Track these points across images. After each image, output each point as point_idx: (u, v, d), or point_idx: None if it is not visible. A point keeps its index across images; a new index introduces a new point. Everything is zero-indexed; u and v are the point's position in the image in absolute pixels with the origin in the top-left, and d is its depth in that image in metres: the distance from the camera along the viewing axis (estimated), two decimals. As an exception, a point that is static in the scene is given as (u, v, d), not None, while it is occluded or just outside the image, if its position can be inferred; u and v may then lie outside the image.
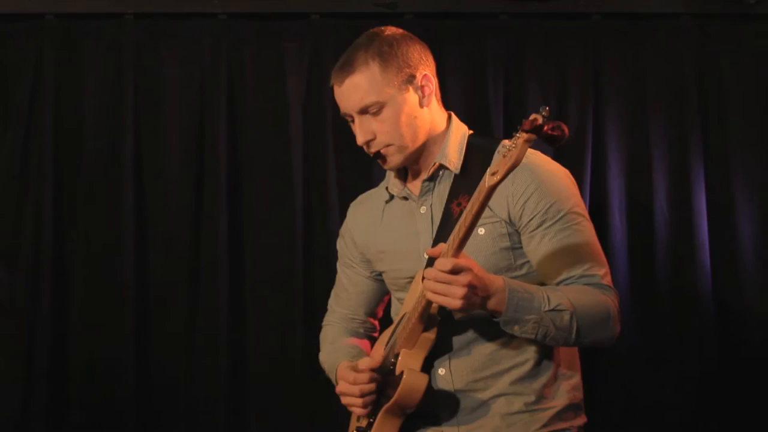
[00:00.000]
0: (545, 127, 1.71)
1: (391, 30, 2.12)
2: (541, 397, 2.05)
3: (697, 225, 3.30)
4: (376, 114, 2.05)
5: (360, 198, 2.37)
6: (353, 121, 2.09)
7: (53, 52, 3.30)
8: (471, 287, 1.83)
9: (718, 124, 3.38)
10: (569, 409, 2.09)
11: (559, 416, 2.06)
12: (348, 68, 2.06)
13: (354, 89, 2.05)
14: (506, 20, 3.37)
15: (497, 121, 3.31)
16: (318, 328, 2.46)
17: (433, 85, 2.12)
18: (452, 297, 1.84)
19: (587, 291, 1.99)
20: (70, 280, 3.29)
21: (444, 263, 1.84)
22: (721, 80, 3.39)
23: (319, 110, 3.33)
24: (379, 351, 2.12)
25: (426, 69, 2.11)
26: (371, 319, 2.36)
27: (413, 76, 2.08)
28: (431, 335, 2.00)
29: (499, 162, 1.77)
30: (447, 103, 3.29)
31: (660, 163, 3.34)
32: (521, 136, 1.72)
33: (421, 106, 2.10)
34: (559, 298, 1.93)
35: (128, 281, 3.27)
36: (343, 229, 2.36)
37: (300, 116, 3.34)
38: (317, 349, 2.41)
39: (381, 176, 3.11)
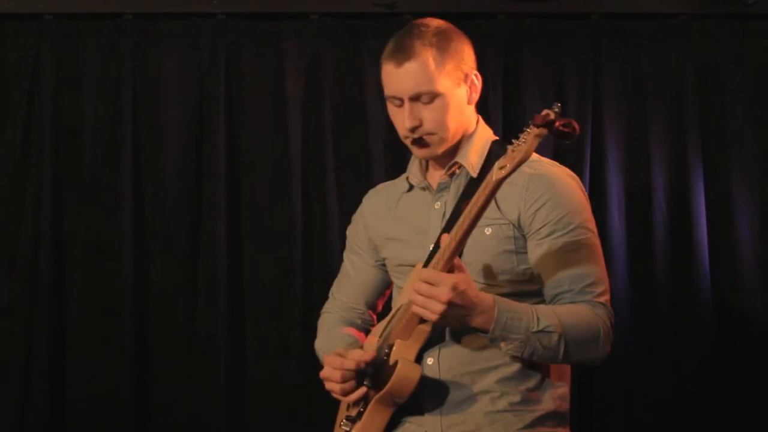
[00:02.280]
0: (557, 123, 1.74)
1: (445, 24, 2.15)
2: (526, 399, 2.04)
3: (696, 224, 3.30)
4: (427, 102, 2.07)
5: (379, 186, 2.39)
6: (401, 104, 2.09)
7: (52, 52, 3.30)
8: (450, 305, 1.86)
9: (717, 124, 3.38)
10: (554, 416, 2.07)
11: (542, 421, 2.05)
12: (408, 53, 2.06)
13: (411, 75, 2.06)
14: (505, 20, 3.37)
15: (496, 120, 3.30)
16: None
17: (480, 84, 2.16)
18: (430, 311, 1.88)
19: (580, 311, 1.99)
20: (69, 280, 3.29)
21: (427, 274, 1.88)
22: (720, 80, 3.38)
23: (318, 110, 3.33)
24: (372, 342, 2.13)
25: (476, 68, 2.16)
26: (370, 312, 2.36)
27: (467, 75, 2.12)
28: (427, 327, 2.00)
29: (507, 156, 1.80)
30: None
31: (659, 162, 3.34)
32: (532, 131, 1.76)
33: (468, 103, 2.14)
34: (550, 318, 1.95)
35: (127, 281, 3.26)
36: (356, 215, 2.37)
37: (299, 116, 3.34)
38: (316, 353, 2.37)
39: (380, 176, 3.14)
